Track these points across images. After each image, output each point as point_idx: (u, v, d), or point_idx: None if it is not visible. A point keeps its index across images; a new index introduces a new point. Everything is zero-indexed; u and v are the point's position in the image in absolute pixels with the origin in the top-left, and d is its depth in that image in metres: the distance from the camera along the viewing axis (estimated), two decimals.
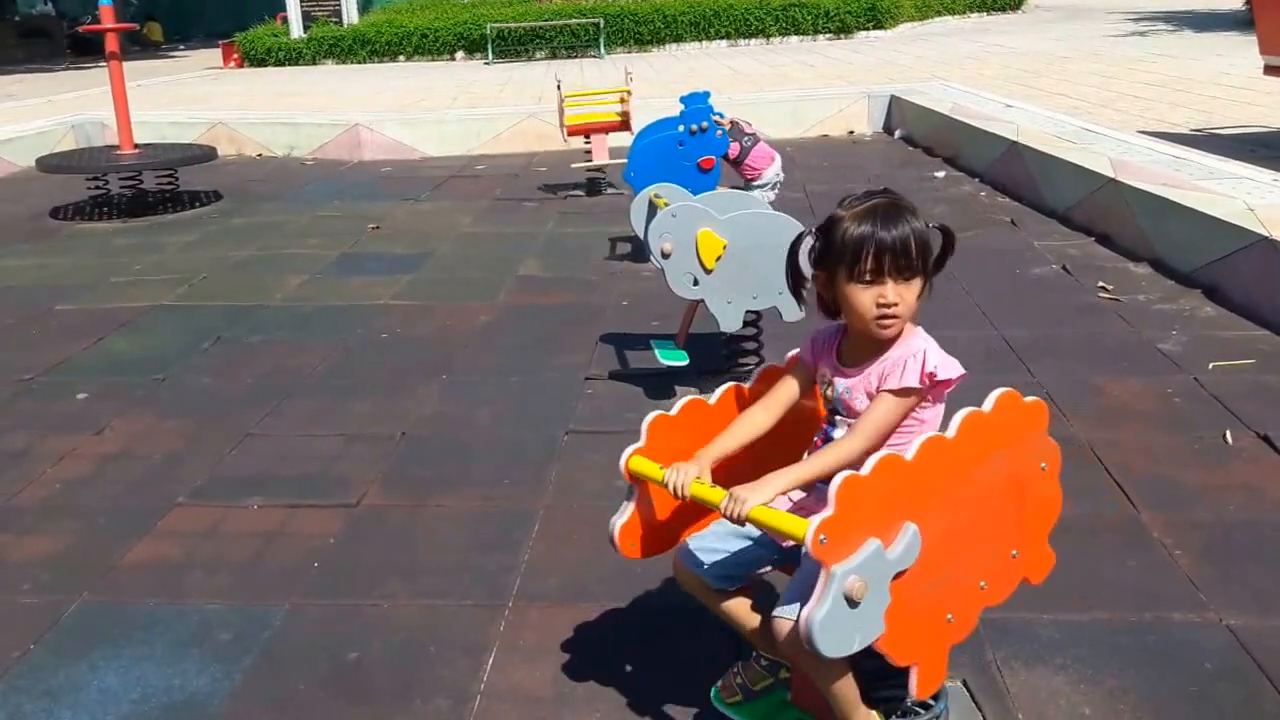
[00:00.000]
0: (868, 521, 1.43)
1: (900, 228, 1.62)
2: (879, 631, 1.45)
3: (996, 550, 1.62)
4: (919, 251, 1.62)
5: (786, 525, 1.48)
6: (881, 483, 1.43)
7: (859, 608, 1.41)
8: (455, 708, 1.97)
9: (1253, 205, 4.20)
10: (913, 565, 1.46)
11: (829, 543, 1.39)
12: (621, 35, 15.66)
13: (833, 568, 1.40)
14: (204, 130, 9.02)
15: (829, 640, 1.41)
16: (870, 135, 8.62)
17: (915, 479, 1.47)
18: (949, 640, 1.57)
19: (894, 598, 1.45)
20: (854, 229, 1.64)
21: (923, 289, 1.65)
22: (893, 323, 1.64)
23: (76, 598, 2.39)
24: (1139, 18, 15.54)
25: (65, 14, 23.72)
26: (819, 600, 1.40)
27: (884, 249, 1.61)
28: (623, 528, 1.74)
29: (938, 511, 1.49)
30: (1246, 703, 1.89)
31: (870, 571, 1.42)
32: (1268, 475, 2.70)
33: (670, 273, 3.20)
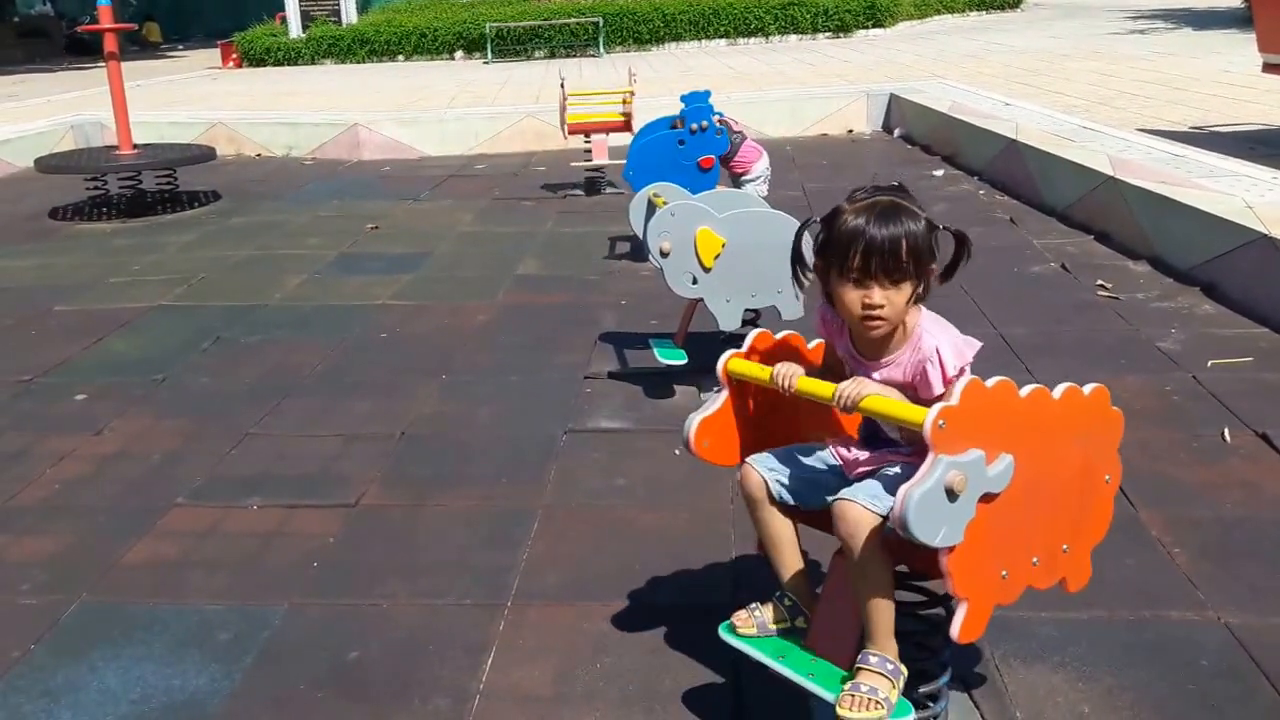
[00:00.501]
0: (978, 431, 1.48)
1: (893, 228, 1.60)
2: (958, 539, 1.48)
3: (1054, 532, 1.65)
4: (910, 255, 1.60)
5: (904, 411, 1.53)
6: (997, 402, 1.50)
7: (954, 503, 1.46)
8: (455, 707, 1.97)
9: (1251, 203, 4.20)
10: (999, 495, 1.50)
11: (946, 429, 1.45)
12: (621, 34, 15.66)
13: (941, 455, 1.45)
14: (203, 130, 9.02)
15: (921, 519, 1.44)
16: (869, 134, 8.62)
17: (1021, 415, 1.53)
18: (997, 596, 1.59)
19: (974, 519, 1.49)
20: (848, 224, 1.64)
21: (913, 294, 1.63)
22: (878, 324, 1.63)
23: (76, 598, 2.39)
24: (1138, 15, 15.54)
25: (64, 14, 23.72)
26: (922, 478, 1.45)
27: (872, 249, 1.60)
28: (704, 421, 1.78)
29: (1027, 458, 1.54)
30: (1244, 700, 1.89)
31: (971, 474, 1.47)
32: (1266, 473, 2.71)
33: (669, 272, 3.20)
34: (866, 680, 1.60)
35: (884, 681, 1.60)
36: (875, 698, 1.58)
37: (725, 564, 2.41)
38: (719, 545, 2.48)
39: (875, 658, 1.61)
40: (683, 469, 2.91)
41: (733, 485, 2.77)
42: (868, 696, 1.58)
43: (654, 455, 2.99)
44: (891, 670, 1.61)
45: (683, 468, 2.91)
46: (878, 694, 1.58)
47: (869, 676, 1.60)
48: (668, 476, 2.86)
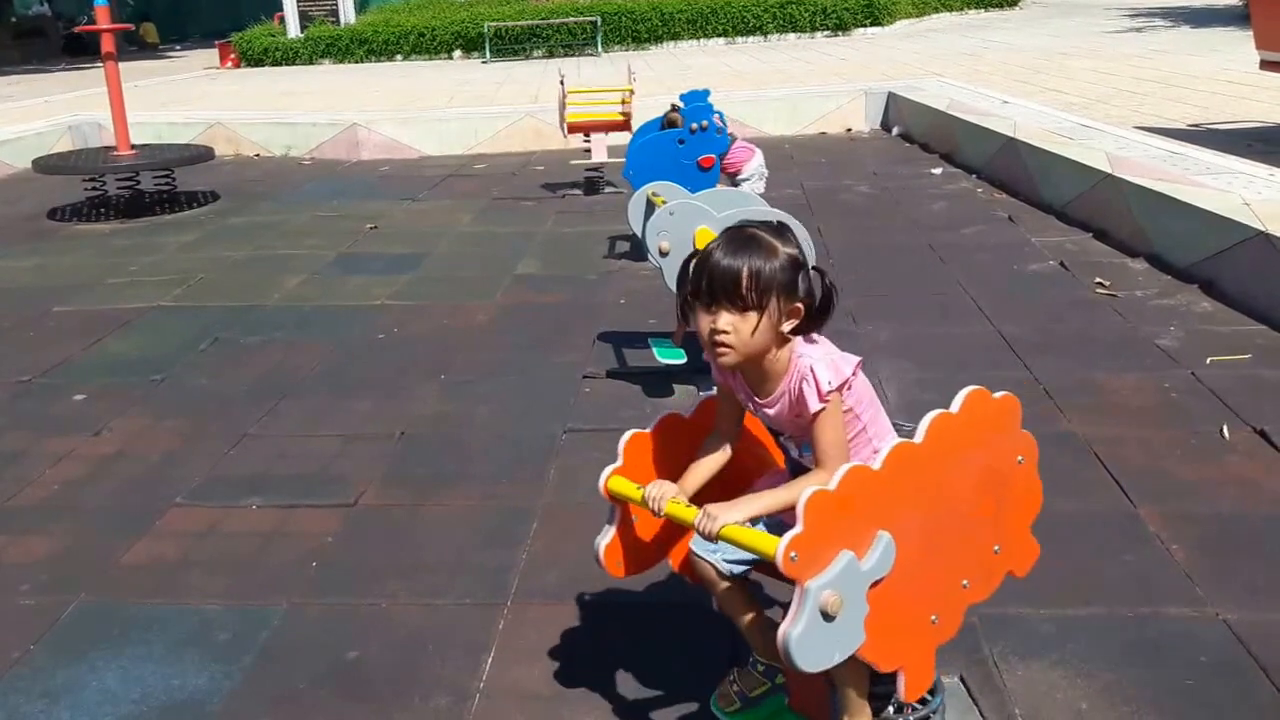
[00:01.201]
0: (839, 534, 1.42)
1: (737, 259, 1.59)
2: (859, 641, 1.44)
3: (977, 548, 1.63)
4: (752, 286, 1.58)
5: (757, 543, 1.47)
6: (851, 495, 1.43)
7: (836, 621, 1.41)
8: (454, 706, 1.98)
9: (1249, 200, 4.20)
10: (889, 573, 1.45)
11: (800, 559, 1.38)
12: (619, 33, 15.66)
13: (806, 584, 1.39)
14: (201, 130, 9.02)
15: (807, 655, 1.40)
16: (868, 132, 8.62)
17: (886, 487, 1.46)
18: (935, 641, 1.58)
19: (873, 606, 1.44)
20: (704, 252, 1.64)
21: (759, 324, 1.58)
22: (725, 351, 1.61)
23: (75, 598, 2.39)
24: (1136, 13, 15.55)
25: (61, 14, 23.70)
26: (794, 618, 1.39)
27: (714, 275, 1.60)
28: (607, 548, 1.75)
29: (912, 517, 1.49)
30: (1242, 696, 1.90)
31: (845, 584, 1.41)
32: (1264, 470, 2.71)
33: (668, 271, 3.20)
34: None
35: None
36: None
37: None
38: None
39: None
40: None
41: None
42: None
43: None
44: None
45: None
46: None
47: None
48: None
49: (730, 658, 2.05)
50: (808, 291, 1.63)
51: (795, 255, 1.62)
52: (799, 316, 1.62)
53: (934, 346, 3.61)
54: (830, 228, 5.30)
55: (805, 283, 1.62)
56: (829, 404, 1.59)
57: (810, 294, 1.63)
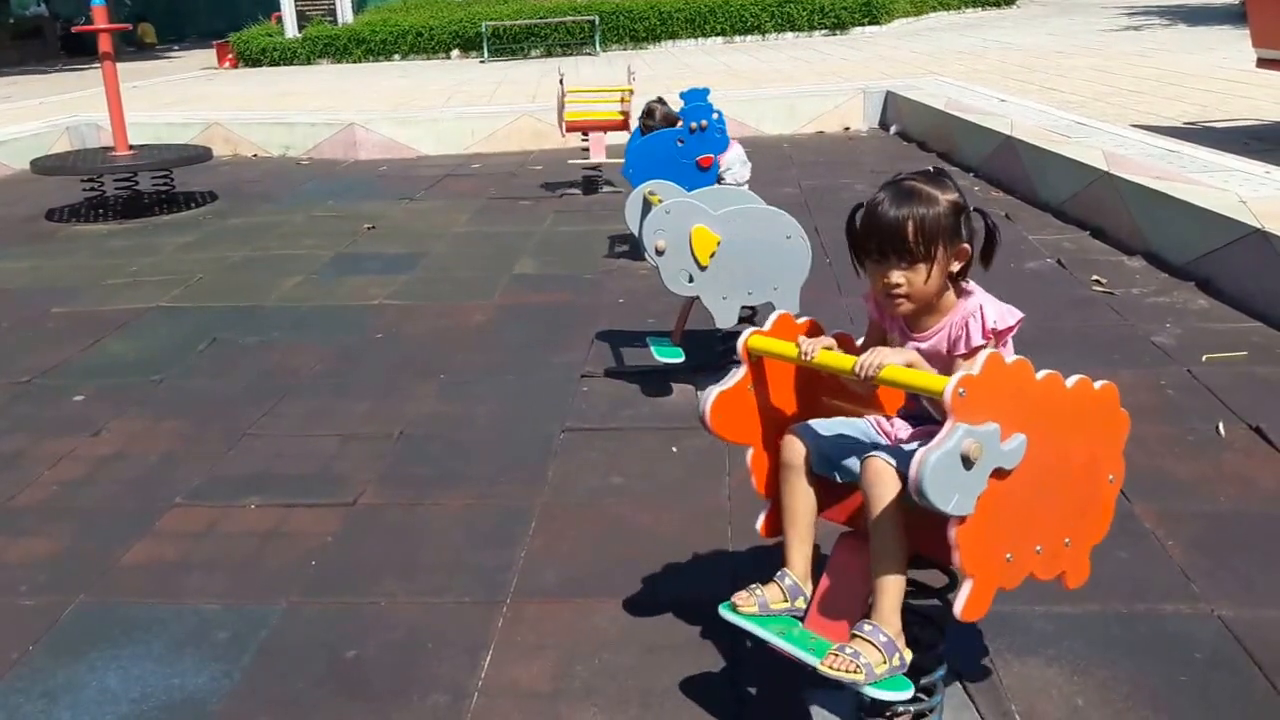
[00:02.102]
0: (995, 405, 1.48)
1: (899, 211, 1.65)
2: (969, 509, 1.48)
3: (1058, 522, 1.66)
4: (919, 237, 1.64)
5: (924, 380, 1.54)
6: (1015, 378, 1.51)
7: (968, 472, 1.47)
8: (453, 704, 1.98)
9: (1245, 198, 4.21)
10: (1009, 475, 1.51)
11: (966, 397, 1.45)
12: (617, 32, 15.66)
13: (959, 422, 1.45)
14: (199, 131, 9.02)
15: (935, 482, 1.44)
16: (866, 131, 8.63)
17: (1036, 397, 1.54)
18: (1000, 578, 1.58)
19: (983, 499, 1.49)
20: (868, 206, 1.70)
21: (930, 273, 1.66)
22: (901, 302, 1.69)
23: (74, 599, 2.40)
24: (1133, 12, 15.56)
25: (59, 15, 23.68)
26: (939, 443, 1.45)
27: (881, 231, 1.66)
28: (721, 395, 1.77)
29: (1039, 441, 1.54)
30: (1237, 692, 1.90)
31: (987, 445, 1.47)
32: (1260, 467, 2.72)
33: (665, 270, 3.21)
34: (855, 645, 1.60)
35: (872, 651, 1.59)
36: (857, 661, 1.57)
37: (722, 560, 2.41)
38: (716, 542, 2.49)
39: (869, 626, 1.61)
40: (680, 467, 2.91)
41: (729, 483, 2.78)
42: (850, 659, 1.57)
43: (651, 453, 3.00)
44: (884, 642, 1.59)
45: (680, 466, 2.92)
46: (859, 658, 1.57)
47: (858, 642, 1.60)
48: (665, 474, 2.87)
49: (731, 657, 2.06)
50: (971, 233, 1.69)
51: (956, 200, 1.68)
52: (965, 258, 1.69)
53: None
54: (828, 227, 5.29)
55: (968, 225, 1.69)
56: (989, 342, 1.66)
57: (974, 234, 1.70)
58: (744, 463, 2.89)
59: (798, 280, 3.23)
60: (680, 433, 3.10)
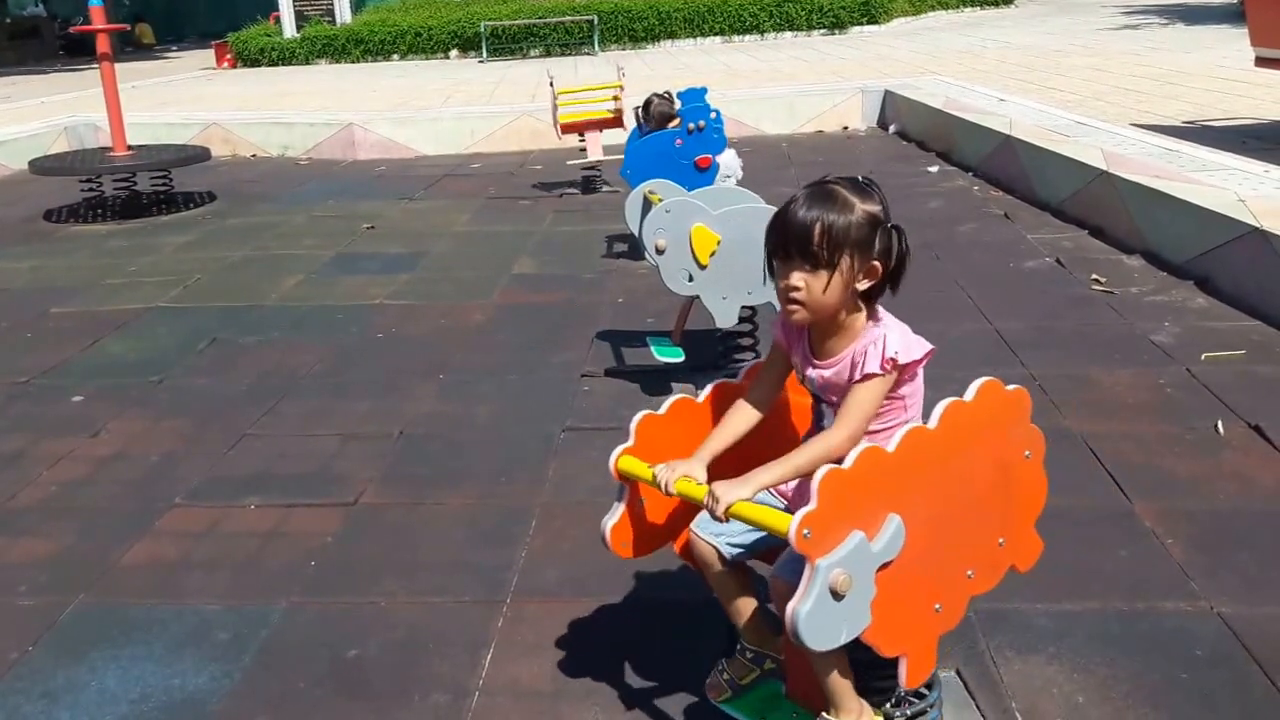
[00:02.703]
0: (851, 514, 1.43)
1: (810, 212, 1.54)
2: (866, 623, 1.45)
3: (983, 539, 1.63)
4: (824, 242, 1.53)
5: (769, 519, 1.48)
6: (864, 475, 1.43)
7: (844, 600, 1.42)
8: (454, 703, 1.98)
9: (1244, 196, 4.21)
10: (898, 556, 1.47)
11: (812, 536, 1.40)
12: (616, 32, 15.67)
13: (817, 561, 1.40)
14: (198, 131, 9.02)
15: (815, 633, 1.41)
16: (865, 130, 8.63)
17: (898, 470, 1.47)
18: (938, 630, 1.58)
19: (880, 589, 1.46)
20: (786, 204, 1.60)
21: (830, 283, 1.55)
22: (795, 308, 1.59)
23: (74, 599, 2.40)
24: (1131, 11, 15.57)
25: (56, 15, 23.67)
26: (803, 595, 1.40)
27: (788, 229, 1.56)
28: (614, 528, 1.75)
29: (922, 502, 1.50)
30: (1237, 689, 1.91)
31: (855, 564, 1.42)
32: (1259, 465, 2.72)
33: (665, 269, 3.21)
34: None
35: None
36: None
37: None
38: None
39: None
40: None
41: None
42: None
43: None
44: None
45: None
46: None
47: None
48: None
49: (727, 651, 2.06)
50: (885, 250, 1.57)
51: (874, 212, 1.56)
52: (875, 276, 1.58)
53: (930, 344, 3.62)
54: None
55: (884, 241, 1.56)
56: (884, 374, 1.56)
57: (888, 253, 1.57)
58: None
59: None
60: None
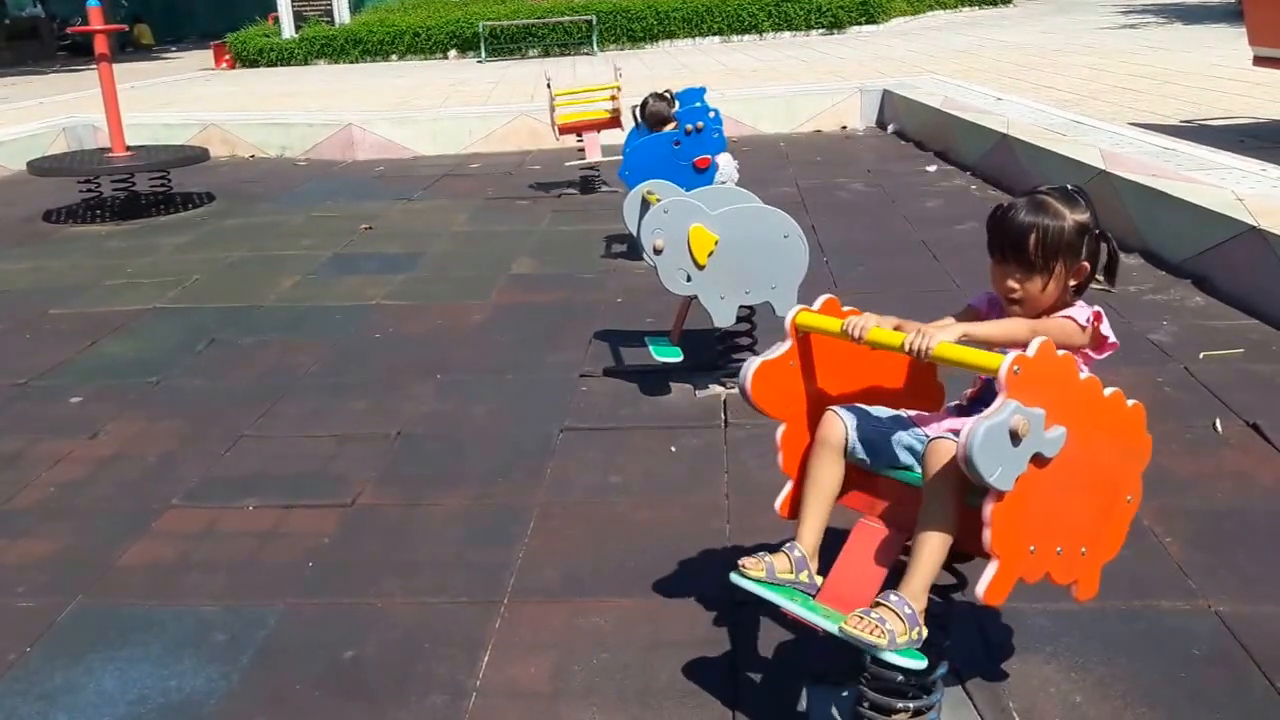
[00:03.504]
0: (1043, 391, 1.51)
1: (1028, 220, 1.72)
2: (1008, 485, 1.50)
3: (1080, 527, 1.66)
4: (1039, 250, 1.72)
5: (978, 358, 1.56)
6: (1064, 370, 1.55)
7: (1015, 449, 1.49)
8: (452, 704, 1.98)
9: (1241, 195, 4.21)
10: (1047, 464, 1.53)
11: (1020, 375, 1.49)
12: (614, 32, 15.66)
13: (1010, 399, 1.48)
14: (196, 132, 9.02)
15: (984, 451, 1.47)
16: (863, 130, 8.63)
17: (1078, 396, 1.58)
18: (1021, 568, 1.57)
19: (1019, 484, 1.51)
20: (1003, 207, 1.78)
21: (1047, 284, 1.74)
22: (1015, 306, 1.77)
23: (72, 600, 2.39)
24: (1129, 10, 15.58)
25: (55, 15, 23.66)
26: (992, 414, 1.48)
27: (1003, 236, 1.74)
28: (764, 365, 1.76)
29: (1077, 439, 1.57)
30: (1235, 687, 1.91)
31: (1034, 425, 1.50)
32: (1257, 463, 2.72)
33: (663, 269, 3.21)
34: (880, 612, 1.58)
35: (897, 620, 1.58)
36: (883, 626, 1.55)
37: (720, 559, 2.41)
38: (714, 541, 2.49)
39: (896, 597, 1.60)
40: (678, 466, 2.92)
41: (728, 482, 2.78)
42: (875, 623, 1.56)
43: (649, 452, 3.00)
44: (909, 615, 1.59)
45: (678, 465, 2.92)
46: (885, 624, 1.56)
47: (883, 610, 1.59)
48: (663, 473, 2.87)
49: (729, 656, 2.06)
50: (1093, 253, 1.77)
51: (1083, 221, 1.75)
52: (1083, 275, 1.77)
53: None
54: (825, 225, 5.31)
55: (1091, 245, 1.76)
56: (1082, 328, 1.74)
57: (1095, 255, 1.77)
58: (743, 463, 2.90)
59: (795, 279, 3.23)
60: (679, 432, 3.11)
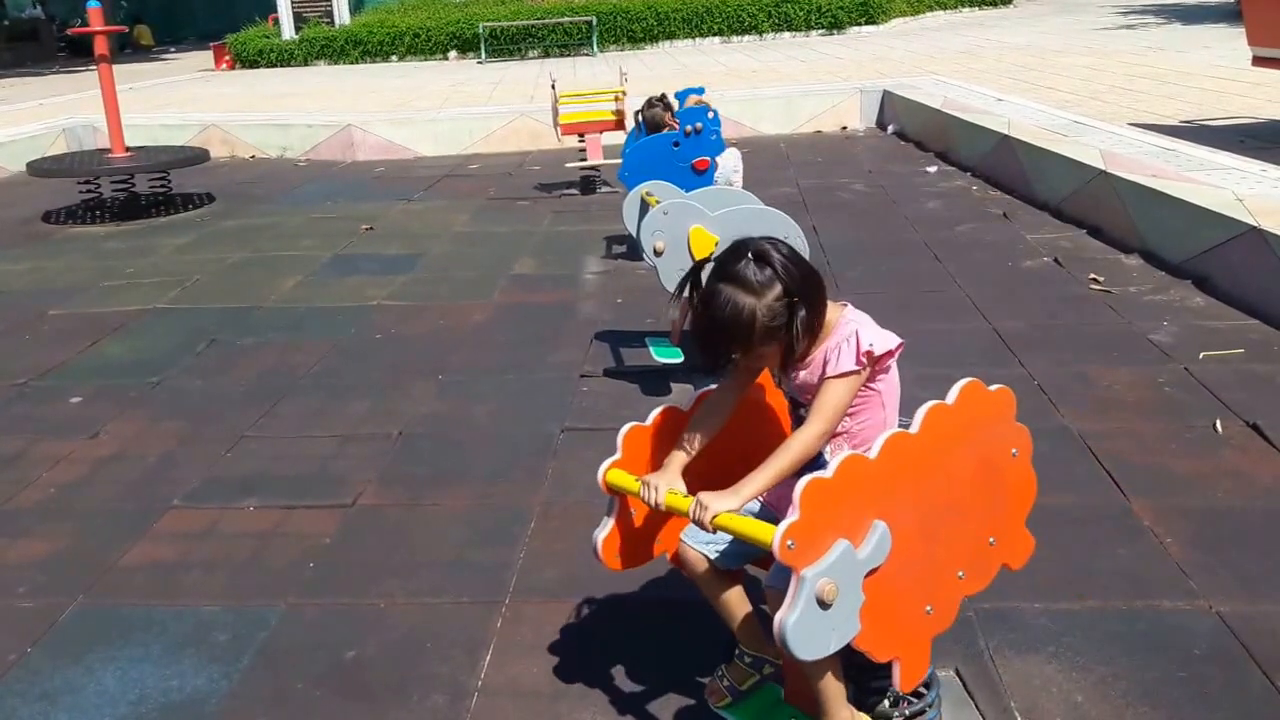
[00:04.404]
0: (835, 523, 1.42)
1: (715, 322, 1.58)
2: (855, 630, 1.45)
3: (972, 539, 1.63)
4: (750, 344, 1.57)
5: (753, 531, 1.48)
6: (847, 483, 1.43)
7: (832, 609, 1.42)
8: (452, 704, 1.98)
9: (1241, 195, 4.22)
10: (885, 562, 1.46)
11: (797, 547, 1.39)
12: (614, 33, 15.67)
13: (803, 572, 1.40)
14: (196, 132, 9.02)
15: (804, 643, 1.41)
16: (863, 130, 8.64)
17: (881, 477, 1.47)
18: (930, 632, 1.58)
19: (868, 595, 1.45)
20: (701, 297, 1.64)
21: (780, 351, 1.59)
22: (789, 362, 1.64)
23: (73, 600, 2.40)
24: (1128, 11, 15.58)
25: (55, 17, 23.66)
26: (790, 605, 1.40)
27: (711, 334, 1.61)
28: (605, 541, 1.75)
29: (907, 506, 1.49)
30: (1234, 687, 1.91)
31: (841, 573, 1.42)
32: (1256, 463, 2.72)
33: (663, 270, 3.21)
34: None
35: None
36: None
37: None
38: None
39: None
40: None
41: None
42: None
43: None
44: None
45: None
46: None
47: None
48: None
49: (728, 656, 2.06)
50: (788, 322, 1.57)
51: (775, 298, 1.56)
52: (807, 312, 1.59)
53: (929, 343, 3.63)
54: (826, 226, 5.31)
55: (785, 315, 1.57)
56: (859, 371, 1.58)
57: (791, 321, 1.57)
58: None
59: None
60: None
